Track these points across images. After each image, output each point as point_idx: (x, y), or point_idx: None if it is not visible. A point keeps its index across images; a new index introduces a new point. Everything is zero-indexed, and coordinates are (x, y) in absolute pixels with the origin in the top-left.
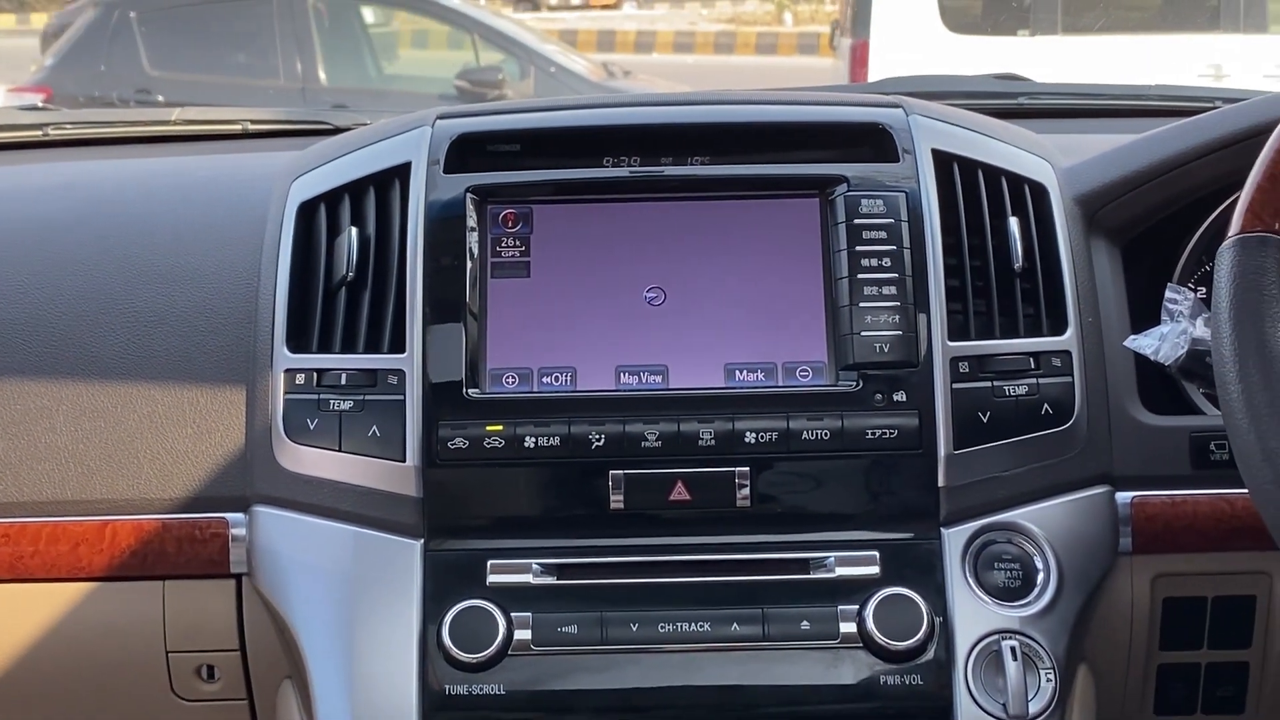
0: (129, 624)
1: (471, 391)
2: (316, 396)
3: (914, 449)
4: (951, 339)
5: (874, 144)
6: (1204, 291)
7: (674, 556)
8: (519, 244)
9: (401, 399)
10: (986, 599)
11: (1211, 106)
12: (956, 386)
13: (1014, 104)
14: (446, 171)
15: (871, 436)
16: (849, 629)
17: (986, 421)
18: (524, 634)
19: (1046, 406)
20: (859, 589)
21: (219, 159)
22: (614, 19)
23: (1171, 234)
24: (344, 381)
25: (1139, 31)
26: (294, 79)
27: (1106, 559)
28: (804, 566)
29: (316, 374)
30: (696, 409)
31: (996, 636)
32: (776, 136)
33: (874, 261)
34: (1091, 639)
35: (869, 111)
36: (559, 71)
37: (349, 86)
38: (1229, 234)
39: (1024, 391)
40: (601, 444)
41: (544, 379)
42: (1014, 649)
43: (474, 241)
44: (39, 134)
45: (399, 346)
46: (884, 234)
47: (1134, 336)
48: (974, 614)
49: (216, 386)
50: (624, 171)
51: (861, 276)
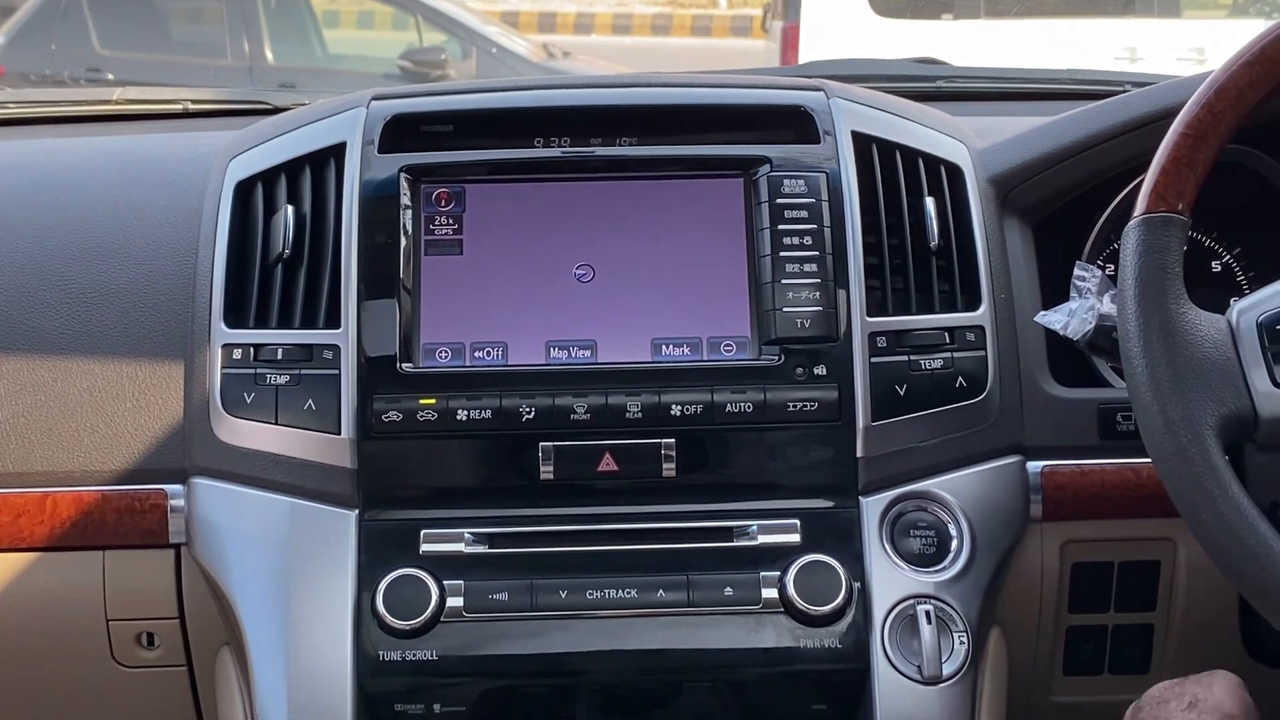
0: (70, 593)
1: (405, 366)
2: (253, 371)
3: (834, 421)
4: (870, 314)
5: (796, 126)
6: (1111, 269)
7: (602, 526)
8: (452, 222)
9: (337, 373)
10: (903, 565)
11: (1121, 90)
12: (875, 360)
13: (932, 87)
14: (381, 151)
15: (793, 409)
16: (770, 595)
17: (903, 394)
18: (456, 601)
19: (961, 380)
20: (780, 556)
21: (159, 138)
22: (554, 1)
23: (1081, 214)
24: (280, 356)
25: (1057, 15)
26: (241, 58)
27: (1018, 526)
28: (727, 535)
29: (253, 349)
30: (624, 383)
31: (912, 601)
32: (702, 118)
33: (795, 240)
34: (1003, 603)
35: (791, 95)
36: (500, 52)
37: (295, 66)
38: (1134, 214)
39: (939, 365)
40: (532, 417)
41: (476, 354)
42: (929, 613)
43: (408, 220)
44: None
45: (334, 322)
46: (805, 213)
47: (1044, 312)
48: (890, 580)
49: (155, 361)
50: (555, 152)
51: (784, 254)
